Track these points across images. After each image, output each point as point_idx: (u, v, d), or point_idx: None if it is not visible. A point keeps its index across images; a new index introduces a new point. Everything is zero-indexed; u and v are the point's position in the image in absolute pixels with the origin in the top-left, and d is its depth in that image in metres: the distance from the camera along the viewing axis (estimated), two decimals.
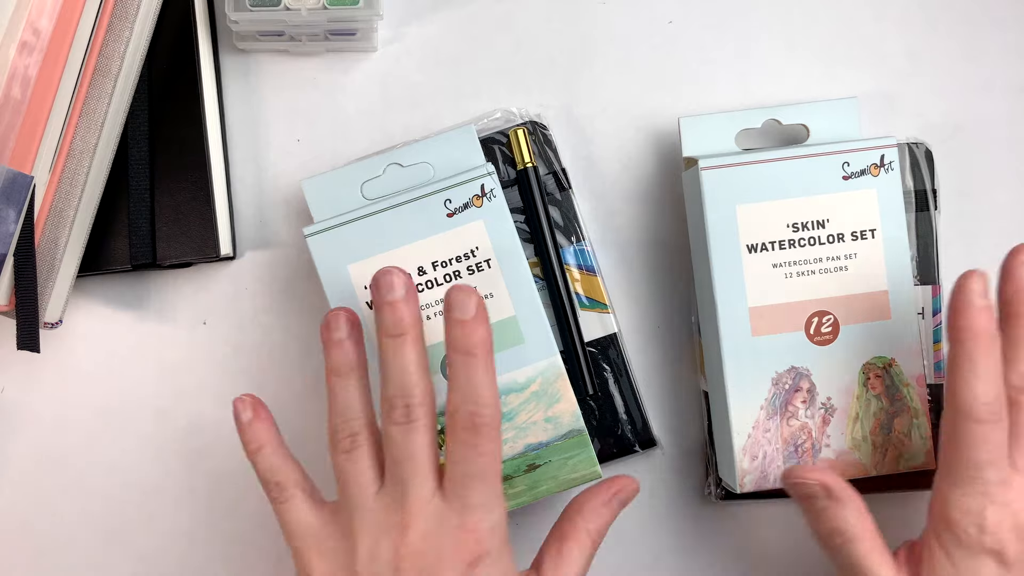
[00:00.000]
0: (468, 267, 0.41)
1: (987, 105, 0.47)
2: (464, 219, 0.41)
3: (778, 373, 0.41)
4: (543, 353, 0.41)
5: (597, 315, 0.44)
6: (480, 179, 0.41)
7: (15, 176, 0.37)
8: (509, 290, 0.41)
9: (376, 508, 0.35)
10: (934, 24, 0.48)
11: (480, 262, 0.41)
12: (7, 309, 0.39)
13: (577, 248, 0.45)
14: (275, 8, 0.43)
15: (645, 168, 0.47)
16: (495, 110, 0.46)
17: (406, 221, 0.41)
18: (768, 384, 0.41)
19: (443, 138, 0.43)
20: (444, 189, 0.41)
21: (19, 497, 0.46)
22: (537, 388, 0.41)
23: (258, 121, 0.47)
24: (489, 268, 0.41)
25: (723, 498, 0.44)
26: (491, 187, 0.41)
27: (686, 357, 0.46)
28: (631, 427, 0.44)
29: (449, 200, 0.41)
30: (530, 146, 0.44)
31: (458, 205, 0.41)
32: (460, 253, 0.41)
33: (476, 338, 0.35)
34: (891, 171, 0.41)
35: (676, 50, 0.48)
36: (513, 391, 0.41)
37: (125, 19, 0.42)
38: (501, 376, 0.40)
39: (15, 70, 0.38)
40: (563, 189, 0.45)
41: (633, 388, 0.44)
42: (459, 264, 0.41)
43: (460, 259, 0.41)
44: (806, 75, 0.47)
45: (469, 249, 0.41)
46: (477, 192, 0.41)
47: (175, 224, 0.44)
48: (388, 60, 0.47)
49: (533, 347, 0.41)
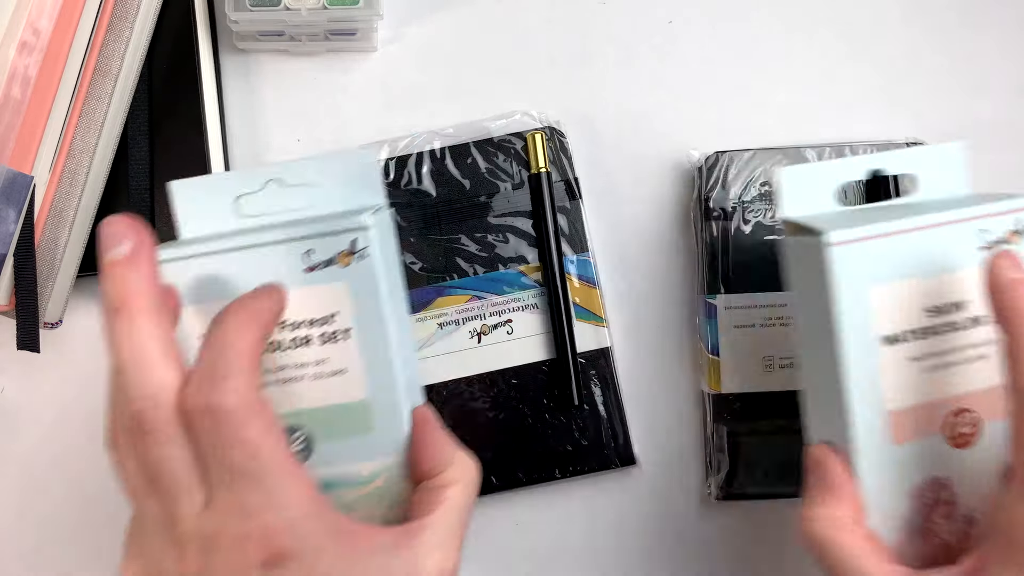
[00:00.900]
0: (321, 334, 0.33)
1: (986, 105, 0.47)
2: (325, 277, 0.33)
3: (917, 486, 0.34)
4: (393, 447, 0.33)
5: (592, 327, 0.44)
6: (352, 233, 0.33)
7: (15, 176, 0.37)
8: (365, 369, 0.33)
9: (151, 527, 0.29)
10: (934, 24, 0.48)
11: (336, 331, 0.33)
12: (7, 309, 0.39)
13: (580, 258, 0.45)
14: (275, 8, 0.43)
15: (645, 166, 0.47)
16: (515, 111, 0.46)
17: (257, 267, 0.33)
18: (906, 500, 0.34)
19: (338, 159, 0.36)
20: (307, 237, 0.33)
21: (19, 497, 0.46)
22: (381, 485, 0.34)
23: (258, 121, 0.47)
24: (346, 340, 0.33)
25: (723, 498, 0.44)
26: (364, 244, 0.33)
27: (686, 358, 0.46)
28: (613, 443, 0.44)
29: (311, 252, 0.33)
30: (546, 152, 0.44)
31: (320, 260, 0.33)
32: (315, 317, 0.33)
33: (132, 286, 0.28)
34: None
35: (676, 50, 0.48)
36: (352, 485, 0.34)
37: (125, 19, 0.42)
38: (340, 467, 0.33)
39: (15, 70, 0.38)
40: (573, 198, 0.45)
41: (620, 404, 0.44)
42: (311, 329, 0.33)
43: (314, 323, 0.33)
44: (806, 75, 0.47)
45: (326, 314, 0.33)
46: (345, 248, 0.33)
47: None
48: (388, 60, 0.47)
49: (383, 438, 0.33)
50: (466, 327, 0.44)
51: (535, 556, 0.45)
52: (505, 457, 0.44)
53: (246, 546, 0.28)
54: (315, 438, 0.34)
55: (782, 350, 0.44)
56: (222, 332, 0.29)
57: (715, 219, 0.44)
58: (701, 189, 0.45)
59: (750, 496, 0.44)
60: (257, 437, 0.28)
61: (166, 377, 0.28)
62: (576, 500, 0.46)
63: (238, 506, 0.28)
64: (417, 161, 0.45)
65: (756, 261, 0.44)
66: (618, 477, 0.46)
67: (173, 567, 0.28)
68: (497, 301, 0.44)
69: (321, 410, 0.34)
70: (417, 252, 0.44)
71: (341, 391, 0.34)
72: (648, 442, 0.46)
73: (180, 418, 0.28)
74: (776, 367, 0.44)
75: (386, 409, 0.34)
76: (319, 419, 0.34)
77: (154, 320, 0.28)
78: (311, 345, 0.34)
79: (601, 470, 0.44)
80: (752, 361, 0.44)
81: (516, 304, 0.44)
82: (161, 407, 0.28)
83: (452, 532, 0.31)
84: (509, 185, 0.45)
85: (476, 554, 0.45)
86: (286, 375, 0.34)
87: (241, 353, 0.29)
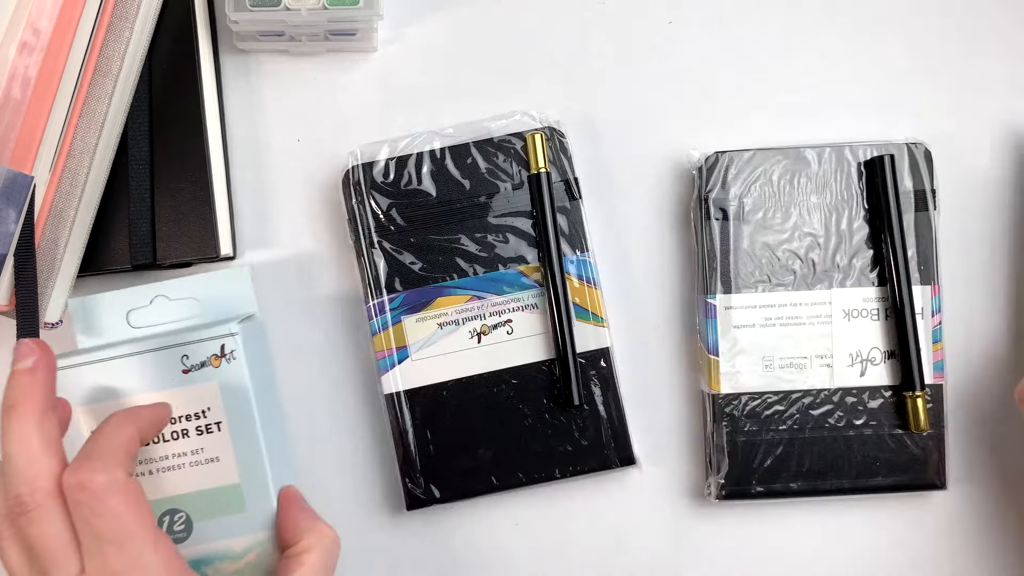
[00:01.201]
0: (197, 427, 0.40)
1: (987, 105, 0.47)
2: (199, 378, 0.40)
3: None
4: (264, 524, 0.40)
5: (592, 327, 0.44)
6: (221, 339, 0.40)
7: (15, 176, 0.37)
8: (236, 456, 0.40)
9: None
10: (934, 24, 0.48)
11: (210, 423, 0.40)
12: (7, 309, 0.39)
13: (580, 259, 0.45)
14: (275, 8, 0.43)
15: (645, 166, 0.47)
16: (515, 111, 0.46)
17: (143, 371, 0.40)
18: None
19: (216, 276, 0.43)
20: (183, 344, 0.40)
21: None
22: (253, 560, 0.39)
23: (258, 121, 0.47)
24: (219, 431, 0.40)
25: (723, 498, 0.44)
26: (232, 348, 0.40)
27: (686, 358, 0.46)
28: (613, 443, 0.44)
29: (187, 356, 0.40)
30: (546, 152, 0.44)
31: (195, 363, 0.40)
32: (191, 412, 0.40)
33: (27, 391, 0.32)
34: None
35: (676, 50, 0.48)
36: (228, 559, 0.39)
37: (125, 19, 0.42)
38: (217, 543, 0.39)
39: (15, 70, 0.38)
40: (573, 199, 0.45)
41: (620, 404, 0.44)
42: (188, 423, 0.40)
43: (191, 417, 0.40)
44: (806, 75, 0.47)
45: (201, 409, 0.40)
46: (216, 352, 0.40)
47: (175, 224, 0.44)
48: (388, 60, 0.47)
49: (254, 516, 0.40)
50: (466, 327, 0.44)
51: (535, 556, 0.45)
52: (505, 457, 0.44)
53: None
54: (194, 518, 0.40)
55: (782, 350, 0.44)
56: (101, 428, 0.35)
57: (715, 219, 0.44)
58: (701, 189, 0.45)
59: (750, 496, 0.44)
60: (121, 506, 0.32)
61: (44, 465, 0.32)
62: (576, 500, 0.46)
63: (107, 571, 0.32)
64: (417, 161, 0.45)
65: (756, 261, 0.44)
66: (618, 477, 0.46)
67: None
68: (497, 301, 0.44)
69: (199, 494, 0.40)
70: (417, 252, 0.44)
71: (216, 476, 0.40)
72: (648, 442, 0.46)
73: (57, 498, 0.32)
74: (776, 367, 0.44)
75: (256, 491, 0.40)
76: (197, 502, 0.40)
77: (39, 419, 0.33)
78: (189, 437, 0.40)
79: (601, 470, 0.44)
80: (752, 361, 0.44)
81: (516, 304, 0.44)
82: (38, 490, 0.32)
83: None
84: (509, 185, 0.45)
85: (476, 554, 0.45)
86: (168, 464, 0.40)
87: (115, 444, 0.34)
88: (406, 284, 0.44)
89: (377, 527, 0.46)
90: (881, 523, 0.46)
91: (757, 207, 0.44)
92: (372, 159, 0.44)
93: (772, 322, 0.44)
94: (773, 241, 0.44)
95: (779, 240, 0.44)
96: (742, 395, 0.44)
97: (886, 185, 0.43)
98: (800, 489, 0.44)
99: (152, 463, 0.40)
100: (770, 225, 0.44)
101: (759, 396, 0.44)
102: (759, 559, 0.46)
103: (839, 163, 0.44)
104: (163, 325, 0.42)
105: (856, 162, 0.44)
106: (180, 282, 0.43)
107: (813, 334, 0.44)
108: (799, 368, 0.44)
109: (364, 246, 0.44)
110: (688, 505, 0.46)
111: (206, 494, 0.40)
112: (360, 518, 0.46)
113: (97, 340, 0.42)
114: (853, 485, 0.43)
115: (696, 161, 0.45)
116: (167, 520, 0.40)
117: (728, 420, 0.44)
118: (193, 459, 0.40)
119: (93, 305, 0.43)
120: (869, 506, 0.46)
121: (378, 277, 0.44)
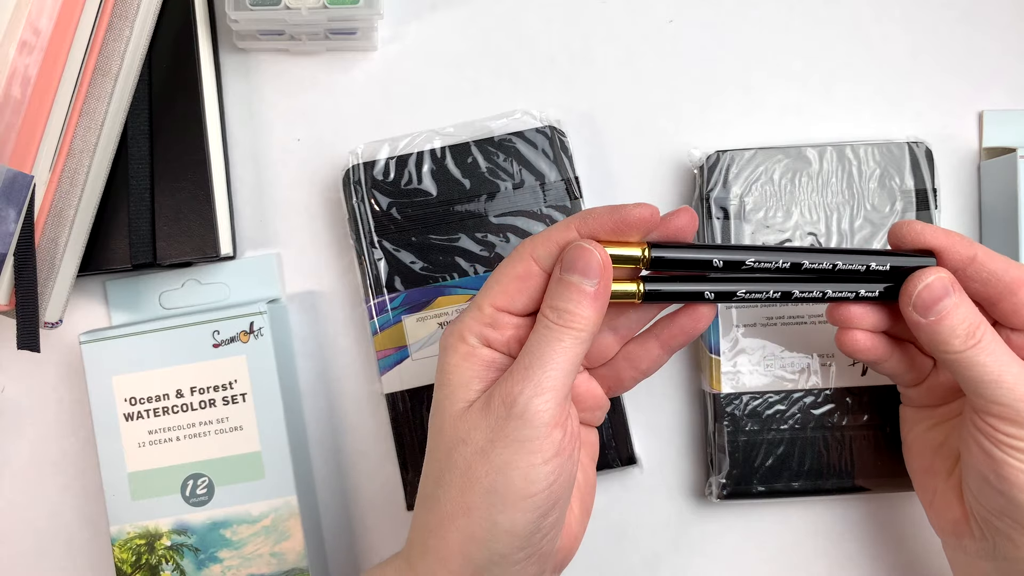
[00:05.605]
0: (224, 397, 0.43)
1: (986, 105, 0.47)
2: (228, 352, 0.43)
3: None
4: (280, 491, 0.43)
5: None
6: (251, 316, 0.43)
7: (15, 176, 0.37)
8: (258, 426, 0.43)
9: None
10: (934, 24, 0.48)
11: (236, 394, 0.43)
12: (7, 309, 0.39)
13: None
14: (275, 7, 0.43)
15: (645, 166, 0.47)
16: (515, 111, 0.45)
17: (175, 344, 0.43)
18: None
19: (244, 262, 0.46)
20: (214, 321, 0.43)
21: (19, 497, 0.46)
22: (268, 524, 0.43)
23: (258, 121, 0.47)
24: (243, 402, 0.43)
25: (724, 497, 0.44)
26: (260, 325, 0.43)
27: (687, 358, 0.46)
28: (613, 443, 0.44)
29: (218, 332, 0.43)
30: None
31: (225, 338, 0.43)
32: (219, 383, 0.43)
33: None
34: None
35: (676, 50, 0.48)
36: (246, 522, 0.43)
37: (125, 18, 0.41)
38: (236, 507, 0.43)
39: (15, 70, 0.38)
40: (573, 198, 0.45)
41: (620, 404, 0.44)
42: (216, 393, 0.43)
43: (218, 388, 0.43)
44: (807, 75, 0.47)
45: (228, 380, 0.43)
46: (245, 328, 0.43)
47: (175, 224, 0.44)
48: (388, 60, 0.47)
49: (272, 484, 0.43)
50: None
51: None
52: None
53: None
54: (216, 483, 0.43)
55: (783, 350, 0.44)
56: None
57: (716, 218, 0.44)
58: (702, 188, 0.45)
59: (750, 496, 0.44)
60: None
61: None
62: None
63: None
64: (417, 160, 0.45)
65: None
66: (619, 476, 0.46)
67: None
68: None
69: (222, 460, 0.43)
70: (417, 251, 0.44)
71: (239, 444, 0.43)
72: (648, 442, 0.46)
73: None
74: (777, 366, 0.44)
75: (275, 459, 0.42)
76: (220, 467, 0.43)
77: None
78: (216, 406, 0.43)
79: (603, 469, 0.44)
80: (753, 360, 0.44)
81: None
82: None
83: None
84: (509, 185, 0.45)
85: None
86: (195, 431, 0.43)
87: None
88: (406, 283, 0.44)
89: (377, 527, 0.46)
90: (883, 523, 0.46)
91: (758, 206, 0.44)
92: (372, 158, 0.44)
93: (773, 321, 0.44)
94: (774, 240, 0.44)
95: (780, 239, 0.44)
96: (743, 394, 0.44)
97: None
98: (801, 489, 0.43)
99: (180, 430, 0.43)
100: (771, 224, 0.44)
101: (760, 395, 0.44)
102: (760, 559, 0.46)
103: (840, 162, 0.44)
104: (193, 306, 0.45)
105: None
106: (213, 267, 0.45)
107: (814, 333, 0.44)
108: (800, 368, 0.44)
109: (364, 245, 0.44)
110: (689, 504, 0.46)
111: (229, 460, 0.43)
112: (360, 518, 0.46)
113: (132, 318, 0.45)
114: (854, 485, 0.43)
115: (697, 160, 0.45)
116: (191, 483, 0.42)
117: (729, 419, 0.44)
118: (219, 427, 0.43)
119: (127, 288, 0.45)
120: (870, 506, 0.45)
121: (378, 276, 0.44)
